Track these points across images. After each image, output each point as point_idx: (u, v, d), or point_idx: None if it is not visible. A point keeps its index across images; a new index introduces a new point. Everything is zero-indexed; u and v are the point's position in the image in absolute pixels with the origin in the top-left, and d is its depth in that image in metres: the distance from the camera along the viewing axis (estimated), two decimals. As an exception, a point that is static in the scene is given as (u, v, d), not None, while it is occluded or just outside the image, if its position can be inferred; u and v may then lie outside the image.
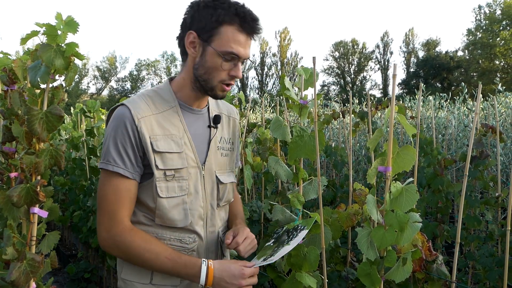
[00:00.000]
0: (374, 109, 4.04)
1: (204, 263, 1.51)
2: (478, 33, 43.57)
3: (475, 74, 42.60)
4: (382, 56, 54.52)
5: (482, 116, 6.26)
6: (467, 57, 45.11)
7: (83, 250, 5.48)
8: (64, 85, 1.43)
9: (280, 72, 53.89)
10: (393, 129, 1.48)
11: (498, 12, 42.70)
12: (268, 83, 55.41)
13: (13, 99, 1.50)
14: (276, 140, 3.30)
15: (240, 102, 3.92)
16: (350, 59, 55.71)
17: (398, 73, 1.53)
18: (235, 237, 1.64)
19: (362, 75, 55.95)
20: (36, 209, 1.42)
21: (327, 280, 1.86)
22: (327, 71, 55.56)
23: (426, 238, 2.01)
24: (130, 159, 1.51)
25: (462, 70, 45.17)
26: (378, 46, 54.78)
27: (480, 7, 44.27)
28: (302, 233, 1.67)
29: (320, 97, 1.89)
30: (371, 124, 2.81)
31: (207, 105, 1.73)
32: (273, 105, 11.29)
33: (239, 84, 53.99)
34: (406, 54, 52.18)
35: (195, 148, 1.63)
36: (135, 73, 56.71)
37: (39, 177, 1.39)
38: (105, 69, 55.63)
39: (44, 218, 1.46)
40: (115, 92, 54.86)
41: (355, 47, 55.61)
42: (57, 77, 1.44)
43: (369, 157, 4.22)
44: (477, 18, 44.34)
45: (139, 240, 1.51)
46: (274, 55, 55.31)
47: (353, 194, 2.41)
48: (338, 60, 55.87)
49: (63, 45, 1.37)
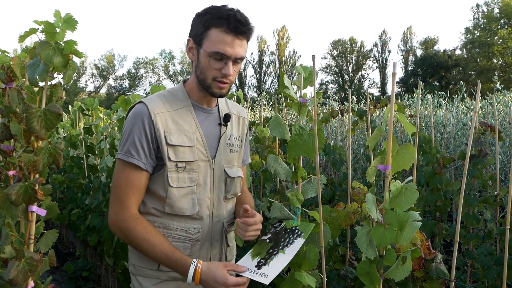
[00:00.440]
0: (373, 108, 4.04)
1: (193, 265, 1.61)
2: (476, 32, 43.61)
3: (473, 72, 42.66)
4: (380, 55, 54.58)
5: (481, 114, 6.26)
6: (465, 56, 45.18)
7: (81, 248, 5.48)
8: (62, 83, 1.42)
9: (278, 71, 53.88)
10: (392, 127, 1.47)
11: (496, 10, 42.75)
12: (266, 81, 55.44)
13: (11, 97, 1.49)
14: (274, 138, 3.29)
15: (238, 100, 3.91)
16: (348, 58, 55.74)
17: (396, 71, 1.53)
18: (251, 216, 1.73)
19: (360, 73, 56.00)
20: (34, 208, 1.41)
21: (326, 279, 1.85)
22: (325, 69, 55.61)
23: (425, 237, 2.01)
24: (144, 151, 1.66)
25: (460, 69, 45.23)
26: (376, 45, 54.84)
27: (478, 5, 44.29)
28: (299, 242, 1.68)
29: (319, 96, 1.89)
30: (370, 122, 2.80)
31: (217, 105, 1.87)
32: (271, 103, 11.28)
33: (237, 82, 53.97)
34: (404, 52, 52.24)
35: (206, 144, 1.76)
36: (133, 71, 56.68)
37: (37, 175, 1.39)
38: (103, 67, 55.58)
39: (42, 216, 1.46)
40: (113, 90, 54.81)
41: (353, 45, 55.64)
42: (56, 75, 1.44)
43: (367, 156, 4.22)
44: (475, 16, 44.41)
45: (141, 229, 1.64)
46: (272, 53, 55.33)
47: (352, 192, 2.41)
48: (336, 58, 55.89)
49: (61, 42, 1.36)
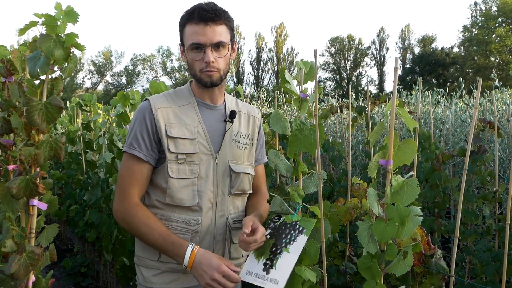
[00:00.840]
0: (372, 104, 4.04)
1: (190, 246, 1.65)
2: (473, 30, 43.62)
3: (470, 70, 42.70)
4: (378, 52, 54.54)
5: (479, 111, 6.27)
6: (463, 54, 45.20)
7: (80, 244, 5.47)
8: (63, 76, 1.41)
9: (276, 68, 53.83)
10: (394, 122, 1.47)
11: (494, 8, 42.77)
12: (264, 78, 55.35)
13: (11, 91, 1.48)
14: (274, 134, 3.29)
15: (238, 96, 3.90)
16: (346, 55, 55.68)
17: (397, 67, 1.52)
18: (254, 233, 1.72)
19: (358, 71, 55.95)
20: (35, 201, 1.41)
21: (326, 274, 1.85)
22: (323, 66, 55.52)
23: (425, 232, 2.01)
24: (146, 144, 1.74)
25: (458, 67, 45.26)
26: (374, 42, 54.77)
27: (476, 3, 44.27)
28: (302, 239, 1.68)
29: (321, 91, 1.89)
30: (370, 118, 2.80)
31: (224, 103, 1.92)
32: (270, 100, 11.27)
33: (235, 79, 53.92)
34: (402, 50, 52.19)
35: (209, 138, 1.81)
36: (130, 67, 56.44)
37: (38, 169, 1.38)
38: (100, 64, 55.37)
39: (43, 210, 1.45)
40: (111, 87, 54.63)
41: (351, 43, 55.58)
42: (56, 68, 1.43)
43: (366, 152, 4.22)
44: (473, 14, 44.39)
45: (141, 215, 1.71)
46: (270, 50, 55.22)
47: (352, 188, 2.41)
48: (334, 55, 55.82)
49: (62, 35, 1.35)
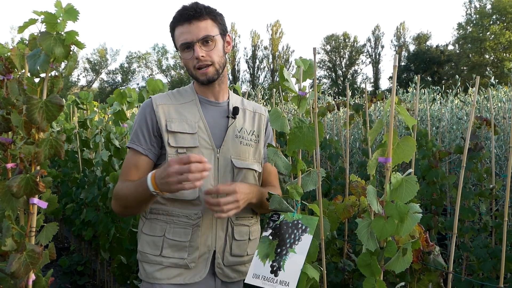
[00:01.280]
0: (369, 102, 4.04)
1: (150, 174, 1.67)
2: (468, 27, 43.76)
3: (465, 68, 42.86)
4: (373, 50, 54.67)
5: (475, 109, 6.29)
6: (458, 51, 45.37)
7: (76, 243, 5.46)
8: (63, 74, 1.41)
9: (271, 66, 53.81)
10: (393, 120, 1.48)
11: (488, 6, 42.92)
12: (259, 76, 55.33)
13: (10, 89, 1.48)
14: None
15: (236, 93, 3.90)
16: (342, 53, 55.78)
17: (397, 65, 1.53)
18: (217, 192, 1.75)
19: (353, 68, 56.06)
20: (35, 200, 1.41)
21: (325, 272, 1.86)
22: (318, 64, 55.47)
23: (423, 229, 2.02)
24: (145, 138, 1.81)
25: (453, 64, 45.42)
26: (369, 40, 54.92)
27: (470, 1, 44.39)
28: (307, 238, 1.68)
29: (320, 88, 1.90)
30: (367, 116, 2.81)
31: (228, 100, 1.96)
32: (266, 97, 11.27)
33: (231, 77, 53.86)
34: (397, 48, 52.31)
35: (210, 133, 1.84)
36: (126, 65, 56.35)
37: (38, 167, 1.38)
38: (95, 62, 55.20)
39: (43, 209, 1.45)
40: (106, 85, 54.49)
41: (347, 40, 55.67)
42: (55, 66, 1.42)
43: (363, 150, 4.23)
44: (467, 12, 44.56)
45: (122, 185, 1.79)
46: (265, 48, 55.23)
47: (350, 186, 2.42)
48: (330, 53, 55.90)
49: (62, 33, 1.35)
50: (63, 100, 1.42)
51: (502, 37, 40.27)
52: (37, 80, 1.40)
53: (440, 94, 8.05)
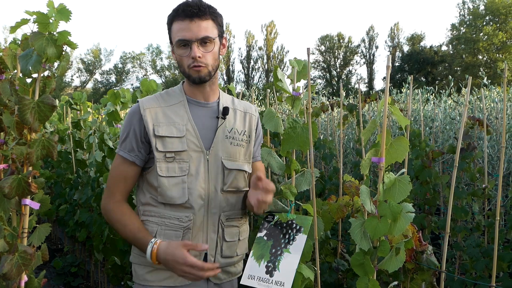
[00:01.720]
0: (363, 102, 4.06)
1: (150, 245, 1.68)
2: (462, 28, 43.96)
3: (458, 68, 43.04)
4: (367, 50, 54.75)
5: (468, 109, 6.32)
6: (451, 52, 45.55)
7: (70, 244, 5.44)
8: (56, 74, 1.40)
9: (266, 66, 53.83)
10: (386, 120, 1.49)
11: (482, 7, 43.14)
12: (254, 76, 55.33)
13: (2, 89, 1.47)
14: (266, 132, 3.29)
15: (230, 94, 3.90)
16: (336, 53, 55.82)
17: (390, 65, 1.53)
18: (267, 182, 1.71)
19: (347, 69, 56.14)
20: (27, 201, 1.40)
21: (319, 272, 1.87)
22: (313, 64, 55.47)
23: (416, 229, 2.03)
24: (132, 145, 1.78)
25: (446, 65, 45.60)
26: (363, 40, 54.97)
27: (464, 2, 44.60)
28: (301, 238, 1.68)
29: (314, 89, 1.90)
30: (361, 116, 2.82)
31: (217, 100, 1.92)
32: (260, 98, 11.28)
33: (225, 77, 53.83)
34: (391, 48, 52.45)
35: (199, 135, 1.81)
36: (120, 66, 56.10)
37: (30, 168, 1.37)
38: (89, 62, 54.93)
39: (35, 210, 1.44)
40: (100, 85, 54.26)
41: (341, 41, 55.72)
42: (48, 66, 1.42)
43: (357, 150, 4.24)
44: (461, 13, 44.76)
45: (118, 212, 1.78)
46: (260, 48, 55.19)
47: (344, 186, 2.43)
48: (324, 54, 55.94)
49: (55, 33, 1.34)
50: (56, 100, 1.41)
51: (495, 38, 40.48)
52: (29, 80, 1.39)
53: (434, 94, 8.08)
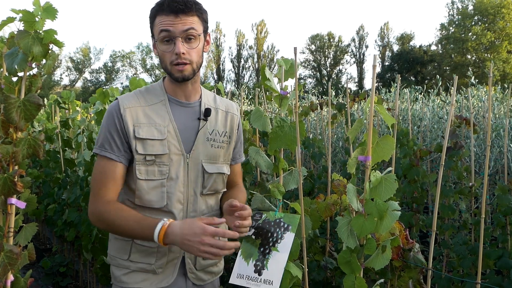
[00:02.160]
0: (352, 101, 4.08)
1: (161, 222, 1.59)
2: (451, 28, 44.32)
3: (448, 68, 43.40)
4: (357, 50, 54.96)
5: (456, 108, 6.39)
6: (440, 52, 45.88)
7: (58, 244, 5.40)
8: (42, 73, 1.40)
9: (256, 65, 53.83)
10: (372, 119, 1.50)
11: (470, 7, 43.51)
12: (244, 75, 55.32)
13: (-12, 88, 1.46)
14: (255, 131, 3.30)
15: (219, 93, 3.90)
16: (326, 52, 55.98)
17: (376, 64, 1.55)
18: (243, 209, 1.69)
19: (338, 68, 56.32)
20: (13, 200, 1.39)
21: (307, 270, 1.88)
22: (303, 64, 55.71)
23: (403, 227, 2.05)
24: (117, 144, 1.69)
25: (435, 64, 45.95)
26: (353, 40, 55.18)
27: (453, 2, 44.95)
28: (289, 236, 1.69)
29: (301, 88, 1.91)
30: (349, 115, 2.83)
31: (199, 100, 1.86)
32: (250, 97, 11.28)
33: (216, 76, 53.75)
34: (381, 48, 52.71)
35: (180, 137, 1.75)
36: (109, 64, 55.79)
37: (16, 167, 1.37)
38: (78, 60, 54.54)
39: (21, 209, 1.43)
40: (89, 84, 53.88)
41: (331, 40, 55.89)
42: (34, 65, 1.41)
43: (346, 149, 4.26)
44: (450, 13, 45.14)
45: (113, 209, 1.67)
46: (250, 47, 55.18)
47: (332, 184, 2.44)
48: (314, 53, 56.09)
49: (41, 32, 1.34)
50: (41, 99, 1.41)
51: (484, 38, 40.83)
52: (15, 79, 1.38)
53: (422, 93, 8.15)
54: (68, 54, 53.83)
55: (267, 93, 4.18)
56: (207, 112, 1.82)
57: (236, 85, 51.13)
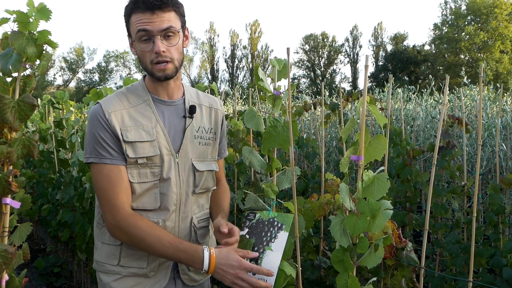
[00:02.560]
0: (345, 101, 4.10)
1: (206, 250, 1.59)
2: (444, 28, 44.55)
3: (441, 68, 43.61)
4: (351, 50, 55.16)
5: (449, 108, 6.43)
6: (434, 51, 46.10)
7: (52, 244, 5.38)
8: (36, 74, 1.40)
9: (250, 65, 53.84)
10: (365, 119, 1.51)
11: (463, 7, 43.75)
12: (238, 75, 55.32)
13: (-18, 88, 1.46)
14: (248, 131, 3.31)
15: (212, 93, 3.91)
16: (320, 52, 56.12)
17: (368, 64, 1.56)
18: (232, 234, 1.71)
19: (332, 68, 56.47)
20: (8, 200, 1.40)
21: (300, 269, 1.89)
22: (297, 64, 55.84)
23: (396, 226, 2.07)
24: (112, 148, 1.63)
25: (429, 64, 46.17)
26: (347, 40, 55.39)
27: (446, 2, 45.17)
28: (283, 235, 1.70)
29: (294, 88, 1.92)
30: (342, 115, 2.85)
31: (183, 97, 1.82)
32: (244, 97, 11.29)
33: (209, 76, 53.71)
34: (374, 47, 52.92)
35: (168, 137, 1.72)
36: (103, 64, 55.67)
37: (11, 167, 1.37)
38: (72, 60, 54.37)
39: (16, 209, 1.44)
40: (83, 84, 53.72)
41: (325, 40, 56.03)
42: (28, 65, 1.42)
43: (340, 149, 4.28)
44: (443, 13, 45.36)
45: (143, 224, 1.61)
46: (244, 47, 55.23)
47: (325, 184, 2.45)
48: (308, 53, 56.22)
49: (35, 32, 1.35)
50: (36, 99, 1.41)
51: (477, 38, 41.06)
52: (9, 79, 1.38)
53: (415, 93, 8.19)
54: (61, 54, 53.65)
55: (261, 93, 4.19)
56: (192, 109, 1.79)
57: (230, 85, 51.14)
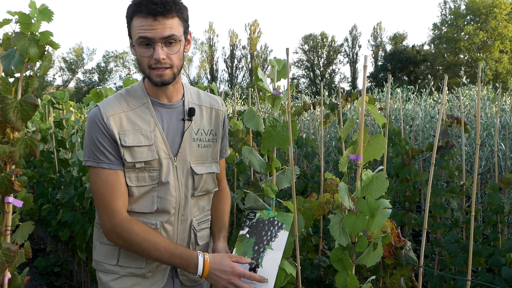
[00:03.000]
0: (344, 101, 4.11)
1: (200, 255, 1.62)
2: (443, 28, 44.54)
3: (440, 67, 43.60)
4: (350, 50, 55.14)
5: (448, 107, 6.45)
6: (433, 51, 46.10)
7: (52, 244, 5.40)
8: (38, 74, 1.42)
9: (250, 65, 53.84)
10: (363, 119, 1.53)
11: (463, 7, 43.75)
12: (238, 75, 55.31)
13: (-16, 89, 1.48)
14: (248, 131, 3.32)
15: (212, 93, 3.91)
16: (319, 52, 56.12)
17: (367, 64, 1.58)
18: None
19: (331, 68, 56.48)
20: (11, 199, 1.41)
21: (300, 268, 1.90)
22: (296, 64, 55.85)
23: (395, 225, 2.08)
24: (110, 152, 1.63)
25: (428, 64, 46.17)
26: (346, 40, 55.37)
27: (445, 2, 45.17)
28: (283, 234, 1.71)
29: (293, 88, 1.93)
30: (341, 115, 2.86)
31: (182, 99, 1.81)
32: (244, 97, 11.30)
33: (209, 76, 53.71)
34: (374, 47, 52.88)
35: (167, 140, 1.71)
36: (102, 65, 55.66)
37: (13, 166, 1.38)
38: (71, 61, 54.33)
39: (18, 208, 1.45)
40: (82, 84, 53.72)
41: (324, 40, 56.02)
42: (29, 66, 1.43)
43: (339, 148, 4.30)
44: (442, 13, 45.36)
45: (139, 229, 1.62)
46: (244, 47, 55.21)
47: (325, 183, 2.46)
48: (308, 53, 56.22)
49: (37, 33, 1.36)
50: (38, 99, 1.42)
51: (476, 37, 41.06)
52: (11, 80, 1.40)
53: (415, 93, 8.20)
54: (61, 54, 53.61)
55: (260, 93, 4.20)
56: (191, 112, 1.78)
57: (229, 85, 51.14)
